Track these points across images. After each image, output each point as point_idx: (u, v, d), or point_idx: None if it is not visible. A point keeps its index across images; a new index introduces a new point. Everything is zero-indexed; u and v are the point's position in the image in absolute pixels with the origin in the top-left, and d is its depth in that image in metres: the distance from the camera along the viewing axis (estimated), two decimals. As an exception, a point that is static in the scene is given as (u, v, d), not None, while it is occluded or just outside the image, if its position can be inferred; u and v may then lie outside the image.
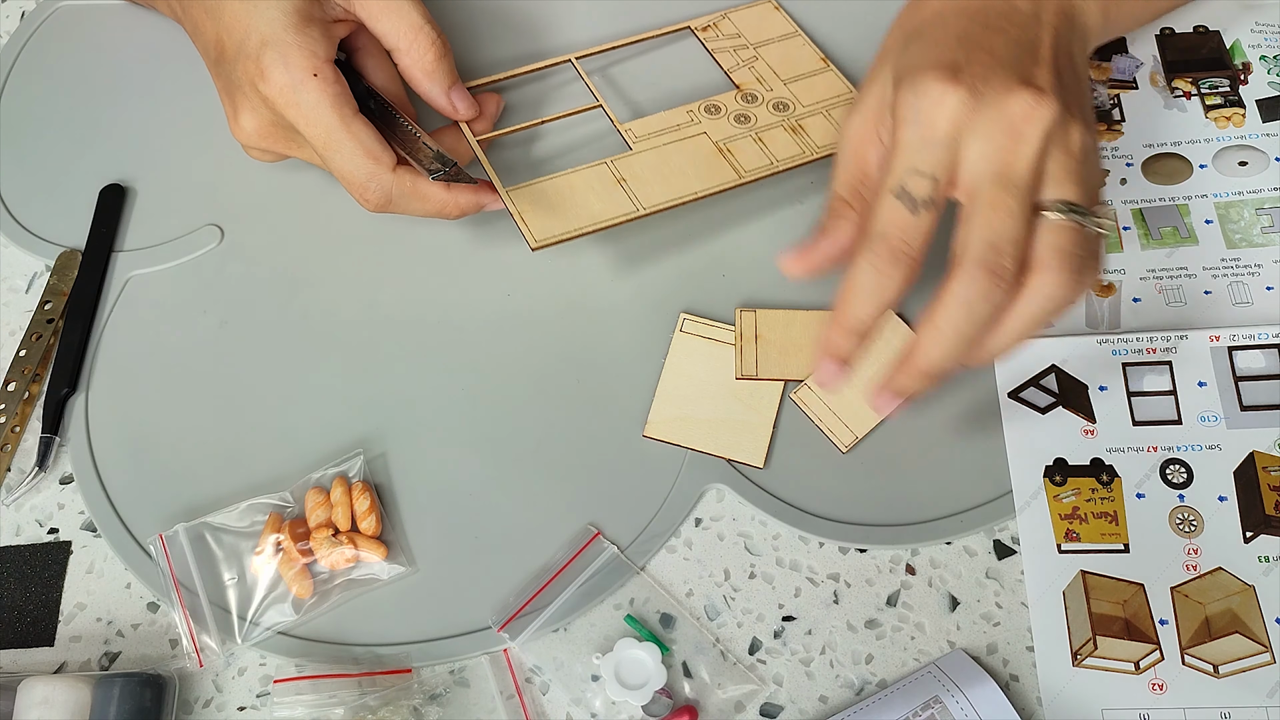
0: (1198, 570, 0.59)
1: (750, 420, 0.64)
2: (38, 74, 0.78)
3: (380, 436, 0.65)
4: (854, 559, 0.61)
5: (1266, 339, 0.63)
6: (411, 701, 0.58)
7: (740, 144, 0.69)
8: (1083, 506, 0.61)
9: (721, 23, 0.75)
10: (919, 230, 0.54)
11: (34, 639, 0.62)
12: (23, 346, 0.68)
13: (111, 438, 0.66)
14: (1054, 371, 0.64)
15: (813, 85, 0.72)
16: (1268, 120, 0.70)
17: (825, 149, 0.68)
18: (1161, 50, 0.74)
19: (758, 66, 0.72)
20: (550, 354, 0.67)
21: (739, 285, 0.68)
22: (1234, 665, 0.57)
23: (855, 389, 0.63)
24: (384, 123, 0.65)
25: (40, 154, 0.75)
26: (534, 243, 0.63)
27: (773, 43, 0.74)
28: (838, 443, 0.63)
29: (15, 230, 0.72)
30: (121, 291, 0.70)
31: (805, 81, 0.72)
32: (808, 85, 0.72)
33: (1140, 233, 0.68)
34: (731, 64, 0.73)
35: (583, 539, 0.61)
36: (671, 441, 0.64)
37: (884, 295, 0.54)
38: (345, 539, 0.61)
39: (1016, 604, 0.60)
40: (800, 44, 0.74)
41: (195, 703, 0.60)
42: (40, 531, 0.64)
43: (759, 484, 0.62)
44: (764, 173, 0.67)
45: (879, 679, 0.59)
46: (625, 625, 0.60)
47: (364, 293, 0.69)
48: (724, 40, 0.74)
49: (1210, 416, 0.62)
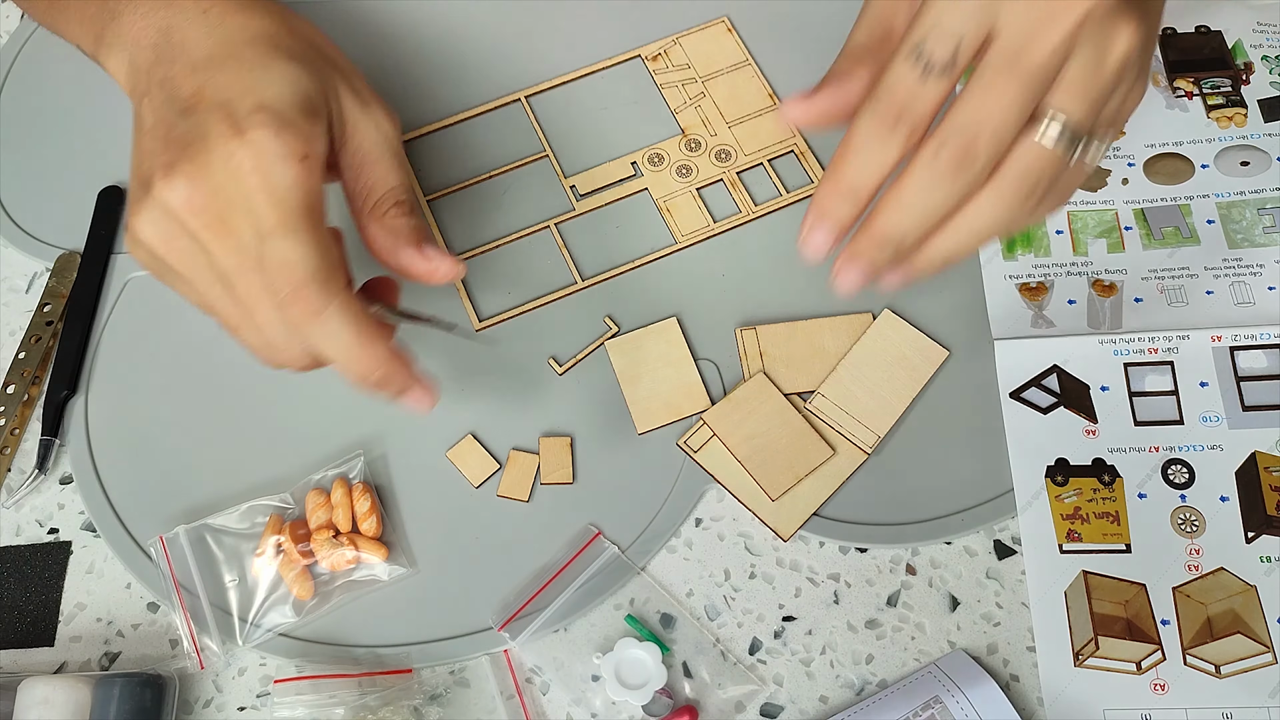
0: (1199, 570, 0.59)
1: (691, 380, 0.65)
2: (37, 74, 0.78)
3: (381, 437, 0.65)
4: (854, 559, 0.61)
5: (1268, 339, 0.63)
6: (412, 702, 0.58)
7: (679, 201, 0.70)
8: (1084, 506, 0.61)
9: (672, 50, 0.74)
10: (928, 97, 0.48)
11: (34, 639, 0.62)
12: (22, 349, 0.68)
13: (111, 440, 0.66)
14: (1056, 371, 0.64)
15: (756, 130, 0.72)
16: (1269, 120, 0.70)
17: (761, 209, 0.70)
18: (1163, 50, 0.74)
19: (704, 106, 0.72)
20: (550, 354, 0.66)
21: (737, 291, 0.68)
22: (1236, 665, 0.57)
23: (869, 392, 0.63)
24: None
25: (39, 156, 0.75)
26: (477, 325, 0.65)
27: (722, 74, 0.73)
28: (861, 445, 0.63)
29: (14, 233, 0.72)
30: (121, 293, 0.70)
31: (750, 124, 0.72)
32: (751, 129, 0.72)
33: (1142, 233, 0.68)
34: (678, 103, 0.73)
35: (583, 539, 0.61)
36: (664, 423, 0.64)
37: (883, 156, 0.49)
38: (346, 540, 0.61)
39: (1017, 604, 0.60)
40: (749, 76, 0.73)
41: (195, 703, 0.60)
42: (40, 531, 0.64)
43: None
44: (699, 236, 0.69)
45: (879, 679, 0.58)
46: (626, 625, 0.60)
47: (364, 293, 0.69)
48: (673, 72, 0.74)
49: (1212, 417, 0.62)
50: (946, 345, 0.65)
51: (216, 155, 0.51)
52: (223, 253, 0.51)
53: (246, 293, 0.52)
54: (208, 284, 0.53)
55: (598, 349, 0.66)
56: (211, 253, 0.52)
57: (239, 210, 0.51)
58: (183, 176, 0.51)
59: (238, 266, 0.51)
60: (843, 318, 0.66)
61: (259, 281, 0.51)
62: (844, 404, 0.63)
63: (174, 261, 0.53)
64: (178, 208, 0.51)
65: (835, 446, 0.63)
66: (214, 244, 0.51)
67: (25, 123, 0.76)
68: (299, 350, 0.53)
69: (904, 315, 0.66)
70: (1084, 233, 0.68)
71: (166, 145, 0.52)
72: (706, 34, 0.75)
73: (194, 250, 0.52)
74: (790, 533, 0.61)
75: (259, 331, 0.53)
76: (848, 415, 0.63)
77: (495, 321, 0.67)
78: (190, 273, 0.53)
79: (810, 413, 0.64)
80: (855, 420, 0.63)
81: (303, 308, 0.51)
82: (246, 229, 0.51)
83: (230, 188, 0.51)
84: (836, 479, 0.62)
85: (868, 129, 0.49)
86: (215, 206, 0.51)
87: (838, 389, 0.64)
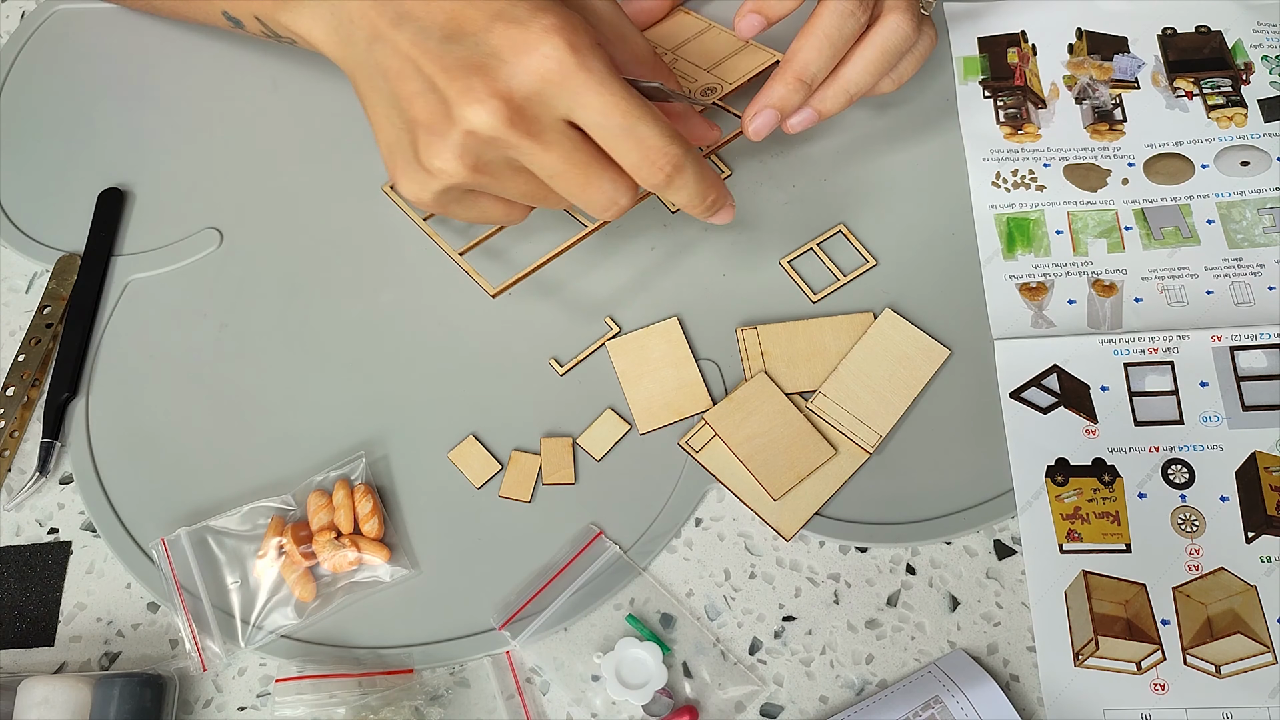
0: (1199, 570, 0.59)
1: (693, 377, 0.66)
2: (36, 76, 0.78)
3: (382, 439, 0.65)
4: (854, 559, 0.61)
5: (1268, 339, 0.63)
6: (413, 701, 0.58)
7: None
8: (1084, 506, 0.61)
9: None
10: None
11: (34, 639, 0.62)
12: (21, 351, 0.68)
13: (112, 442, 0.66)
14: (1056, 371, 0.64)
15: (736, 63, 0.72)
16: (1269, 120, 0.70)
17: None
18: (1163, 50, 0.74)
19: (680, 66, 0.73)
20: (551, 355, 0.67)
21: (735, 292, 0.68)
22: (1236, 665, 0.57)
23: (870, 391, 0.63)
24: None
25: (39, 158, 0.75)
26: (492, 291, 0.63)
27: (689, 42, 0.73)
28: (863, 444, 0.63)
29: (14, 235, 0.72)
30: (121, 295, 0.70)
31: (729, 62, 0.72)
32: (731, 65, 0.72)
33: (1142, 233, 0.68)
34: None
35: (584, 539, 0.61)
36: (665, 423, 0.64)
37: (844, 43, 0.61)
38: (348, 541, 0.61)
39: (1017, 604, 0.60)
40: (716, 34, 0.73)
41: (195, 703, 0.60)
42: (40, 531, 0.64)
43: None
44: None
45: (879, 679, 0.58)
46: (626, 625, 0.60)
47: (364, 294, 0.69)
48: None
49: (1212, 417, 0.62)
50: (947, 345, 0.65)
51: (523, 65, 0.53)
52: (547, 155, 0.55)
53: (574, 179, 0.56)
54: (523, 187, 0.57)
55: (599, 349, 0.66)
56: (531, 157, 0.55)
57: (555, 109, 0.54)
58: (491, 96, 0.53)
59: (563, 159, 0.55)
60: (844, 317, 0.66)
61: (584, 162, 0.55)
62: (846, 403, 0.64)
63: (483, 181, 0.56)
64: (493, 127, 0.53)
65: (837, 446, 0.63)
66: (534, 148, 0.54)
67: (25, 123, 0.76)
68: (631, 198, 0.58)
69: (905, 314, 0.66)
70: (1084, 233, 0.68)
71: (450, 73, 0.53)
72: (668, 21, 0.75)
73: (508, 162, 0.56)
74: (792, 532, 0.61)
75: (594, 197, 0.57)
76: (849, 414, 0.63)
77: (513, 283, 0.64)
78: (502, 184, 0.57)
79: (812, 412, 0.64)
80: (857, 419, 0.63)
81: (673, 170, 0.56)
82: (560, 127, 0.54)
83: (545, 91, 0.53)
84: (838, 479, 0.62)
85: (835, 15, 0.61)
86: (530, 113, 0.54)
87: (839, 388, 0.64)
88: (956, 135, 0.72)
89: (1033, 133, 0.72)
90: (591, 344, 0.67)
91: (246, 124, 0.75)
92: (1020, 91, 0.73)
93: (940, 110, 0.73)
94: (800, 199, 0.70)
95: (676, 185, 0.57)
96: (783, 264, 0.68)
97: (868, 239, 0.68)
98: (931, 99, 0.73)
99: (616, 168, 0.56)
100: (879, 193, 0.70)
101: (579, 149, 0.55)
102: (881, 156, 0.72)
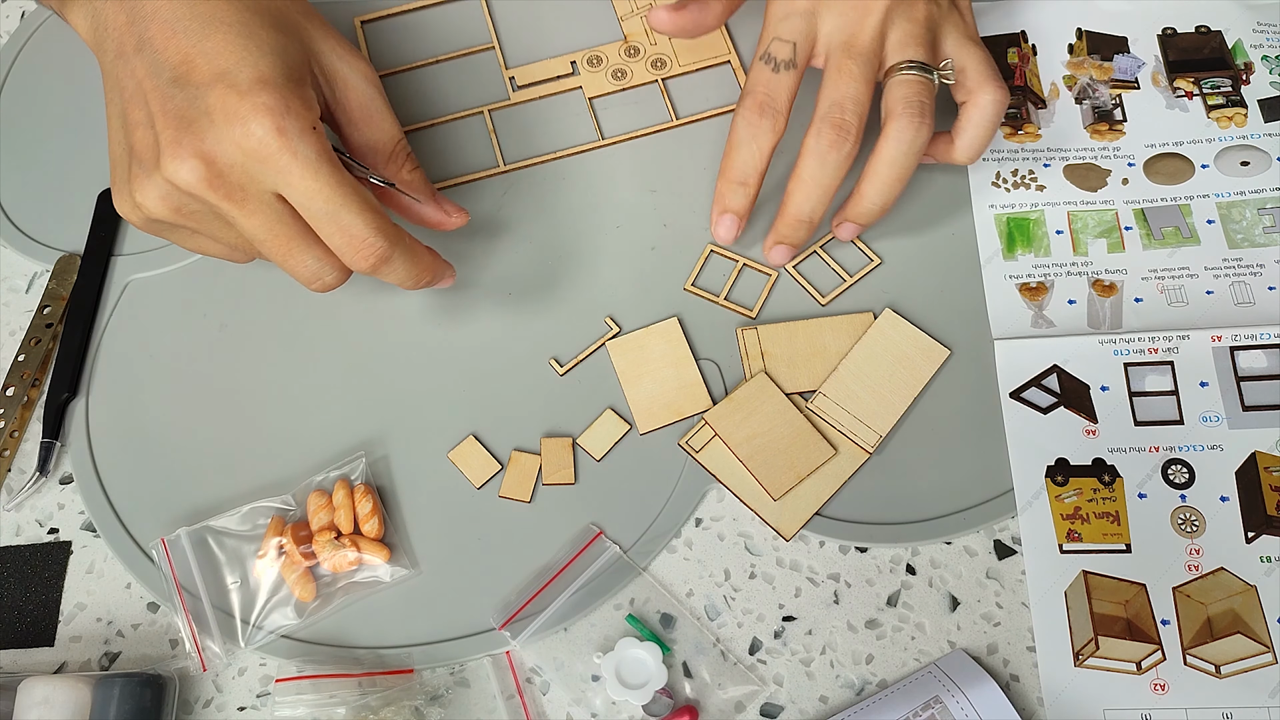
0: (1199, 570, 0.59)
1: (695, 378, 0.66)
2: (36, 76, 0.78)
3: (382, 439, 0.65)
4: (854, 559, 0.61)
5: (1268, 339, 0.63)
6: (413, 701, 0.58)
7: (608, 100, 0.74)
8: (1084, 506, 0.61)
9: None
10: (782, 86, 0.63)
11: (34, 639, 0.62)
12: (21, 351, 0.68)
13: (112, 442, 0.66)
14: (1056, 371, 0.64)
15: (696, 42, 0.75)
16: (1269, 120, 0.70)
17: (686, 118, 0.73)
18: (1163, 50, 0.74)
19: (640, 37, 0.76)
20: (551, 354, 0.66)
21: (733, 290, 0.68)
22: (1236, 665, 0.57)
23: (871, 391, 0.63)
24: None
25: (39, 158, 0.75)
26: None
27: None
28: (862, 444, 0.63)
29: (14, 235, 0.72)
30: (121, 296, 0.70)
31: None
32: (692, 42, 0.75)
33: (1142, 233, 0.68)
34: (625, 10, 0.76)
35: (584, 539, 0.61)
36: (665, 424, 0.64)
37: (759, 145, 0.63)
38: (348, 542, 0.61)
39: (1017, 604, 0.60)
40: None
41: (195, 703, 0.60)
42: (40, 531, 0.64)
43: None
44: (621, 138, 0.72)
45: (879, 679, 0.58)
46: (626, 625, 0.60)
47: (365, 294, 0.69)
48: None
49: (1212, 417, 0.62)
50: (947, 345, 0.65)
51: (228, 134, 0.53)
52: (249, 221, 0.54)
53: (277, 249, 0.56)
54: (233, 239, 0.58)
55: (599, 349, 0.66)
56: (233, 219, 0.55)
57: (261, 182, 0.53)
58: (194, 155, 0.53)
59: (265, 229, 0.55)
60: (844, 317, 0.66)
61: (286, 236, 0.55)
62: (846, 403, 0.64)
63: (190, 224, 0.56)
64: (191, 184, 0.53)
65: (837, 446, 0.63)
66: (235, 212, 0.54)
67: (25, 123, 0.76)
68: (338, 277, 0.58)
69: (905, 314, 0.66)
70: (1084, 233, 0.68)
71: (166, 118, 0.53)
72: None
73: (214, 214, 0.55)
74: (792, 532, 0.61)
75: (298, 270, 0.57)
76: (849, 414, 0.63)
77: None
78: (211, 230, 0.57)
79: (812, 412, 0.64)
80: (857, 419, 0.63)
81: (377, 261, 0.56)
82: (266, 198, 0.54)
83: (249, 165, 0.53)
84: (838, 479, 0.62)
85: (743, 125, 0.64)
86: (233, 179, 0.53)
87: (839, 388, 0.64)
88: (956, 135, 0.72)
89: (1033, 133, 0.72)
90: (591, 344, 0.67)
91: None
92: (1020, 91, 0.73)
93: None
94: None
95: (384, 272, 0.58)
96: (788, 269, 0.68)
97: (868, 239, 0.68)
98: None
99: (323, 246, 0.56)
100: (879, 193, 0.70)
101: (283, 222, 0.55)
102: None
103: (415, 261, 0.59)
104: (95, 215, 0.72)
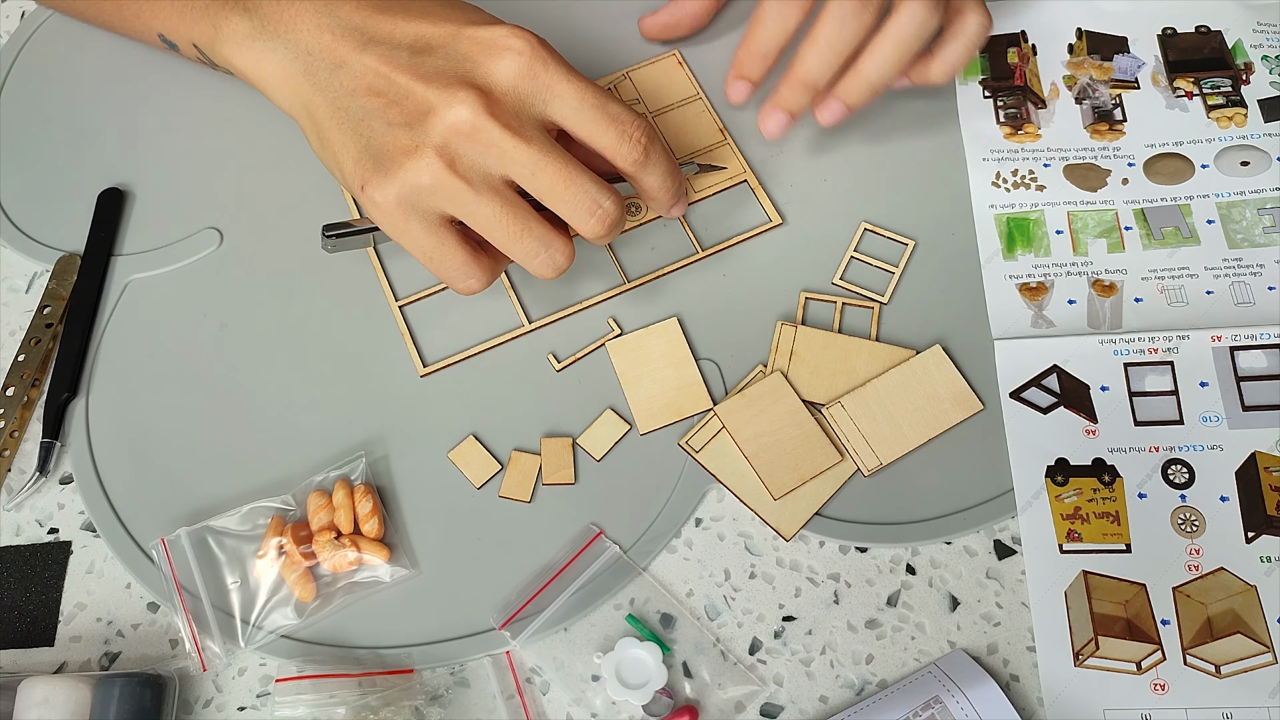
0: (1199, 570, 0.59)
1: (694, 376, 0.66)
2: (36, 76, 0.78)
3: (382, 439, 0.65)
4: (854, 559, 0.61)
5: (1268, 339, 0.63)
6: (413, 701, 0.58)
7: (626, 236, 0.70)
8: (1084, 506, 0.61)
9: (623, 84, 0.74)
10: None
11: (34, 639, 0.62)
12: (21, 351, 0.68)
13: (112, 442, 0.66)
14: (1056, 371, 0.64)
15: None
16: (1269, 120, 0.70)
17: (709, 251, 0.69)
18: (1163, 50, 0.74)
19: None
20: (550, 353, 0.67)
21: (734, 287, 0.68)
22: (1236, 665, 0.57)
23: (889, 418, 0.63)
24: None
25: (39, 158, 0.75)
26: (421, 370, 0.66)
27: (672, 109, 0.73)
28: (861, 465, 0.62)
29: (14, 235, 0.72)
30: (121, 296, 0.70)
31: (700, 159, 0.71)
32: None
33: (1142, 233, 0.68)
34: None
35: (585, 539, 0.61)
36: (666, 424, 0.64)
37: (784, 26, 0.64)
38: (348, 542, 0.61)
39: (1017, 604, 0.60)
40: (700, 110, 0.73)
41: (195, 703, 0.60)
42: (40, 531, 0.64)
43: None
44: (649, 277, 0.68)
45: (879, 679, 0.58)
46: (626, 625, 0.60)
47: (365, 294, 0.69)
48: None
49: (1212, 417, 0.62)
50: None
51: (495, 65, 0.57)
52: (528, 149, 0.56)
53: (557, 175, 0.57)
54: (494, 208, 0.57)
55: (599, 349, 0.66)
56: (514, 153, 0.56)
57: (532, 105, 0.57)
58: (468, 90, 0.56)
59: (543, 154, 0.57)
60: (885, 346, 0.65)
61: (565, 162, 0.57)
62: (860, 421, 0.63)
63: (457, 188, 0.57)
64: (470, 119, 0.56)
65: (842, 453, 0.63)
66: (514, 143, 0.56)
67: (25, 123, 0.76)
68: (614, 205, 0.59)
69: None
70: (1084, 233, 0.68)
71: (428, 81, 0.57)
72: (657, 68, 0.75)
73: (484, 174, 0.57)
74: (792, 532, 0.61)
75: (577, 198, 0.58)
76: (859, 432, 0.63)
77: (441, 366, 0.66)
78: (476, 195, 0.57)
79: (822, 418, 0.63)
80: (864, 439, 0.63)
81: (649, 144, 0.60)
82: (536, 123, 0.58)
83: (521, 87, 0.57)
84: (838, 479, 0.62)
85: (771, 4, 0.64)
86: (508, 105, 0.57)
87: (860, 405, 0.63)
88: (956, 135, 0.72)
89: (1033, 133, 0.72)
90: (591, 344, 0.67)
91: (246, 124, 0.75)
92: (1020, 91, 0.73)
93: (940, 110, 0.73)
94: (800, 199, 0.70)
95: (651, 161, 0.60)
96: (807, 296, 0.68)
97: (894, 225, 0.68)
98: (931, 99, 0.73)
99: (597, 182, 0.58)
100: (879, 193, 0.70)
101: (558, 149, 0.57)
102: (881, 157, 0.71)
103: (670, 156, 0.61)
104: (95, 215, 0.72)
